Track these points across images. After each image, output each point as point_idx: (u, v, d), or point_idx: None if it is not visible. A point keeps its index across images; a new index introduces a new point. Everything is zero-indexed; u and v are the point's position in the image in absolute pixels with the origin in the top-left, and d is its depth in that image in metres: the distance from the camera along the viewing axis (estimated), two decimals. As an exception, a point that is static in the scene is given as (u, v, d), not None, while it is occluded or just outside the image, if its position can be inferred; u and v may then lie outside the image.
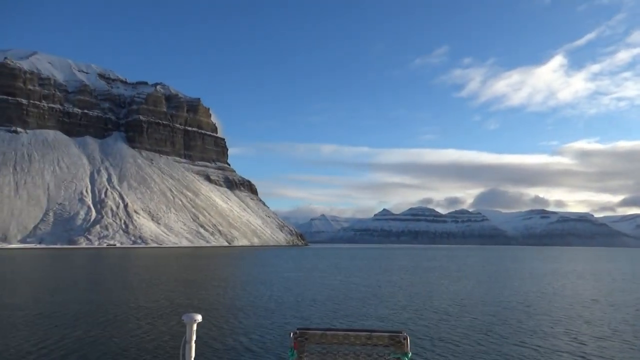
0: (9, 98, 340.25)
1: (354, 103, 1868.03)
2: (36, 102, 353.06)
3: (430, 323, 26.68)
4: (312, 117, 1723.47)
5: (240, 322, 26.55)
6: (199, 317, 5.39)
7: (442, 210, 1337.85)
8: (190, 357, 5.27)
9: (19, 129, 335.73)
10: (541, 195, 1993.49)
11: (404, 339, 4.68)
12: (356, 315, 29.60)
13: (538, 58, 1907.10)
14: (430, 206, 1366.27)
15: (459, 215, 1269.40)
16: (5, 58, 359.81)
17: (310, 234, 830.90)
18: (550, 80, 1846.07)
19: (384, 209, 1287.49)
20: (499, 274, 71.95)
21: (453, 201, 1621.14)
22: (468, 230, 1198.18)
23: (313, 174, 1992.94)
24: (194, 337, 5.34)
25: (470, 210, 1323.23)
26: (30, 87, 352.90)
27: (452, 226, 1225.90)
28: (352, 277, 61.97)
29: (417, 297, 38.90)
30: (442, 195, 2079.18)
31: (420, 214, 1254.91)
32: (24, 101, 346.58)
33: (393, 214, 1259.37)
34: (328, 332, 4.77)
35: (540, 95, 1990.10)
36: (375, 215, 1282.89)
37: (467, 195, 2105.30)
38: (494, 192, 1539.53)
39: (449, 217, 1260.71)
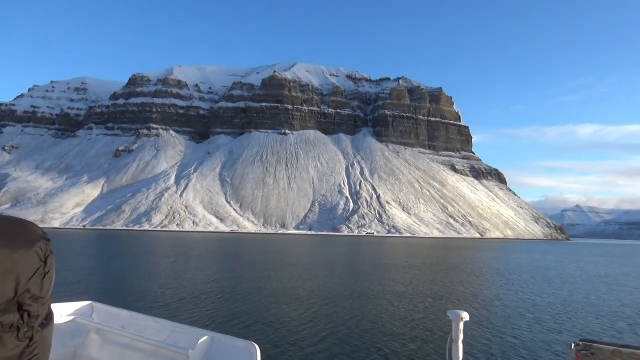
0: (279, 105, 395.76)
1: (622, 75, 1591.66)
2: (299, 106, 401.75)
3: None
4: (565, 96, 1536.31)
5: (516, 324, 22.34)
6: (466, 315, 4.82)
7: None
8: (458, 357, 4.76)
9: (287, 131, 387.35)
10: None
11: None
12: None
13: None
14: None
15: None
16: (274, 72, 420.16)
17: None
18: None
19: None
20: None
21: None
22: None
23: (565, 159, 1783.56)
24: (461, 336, 4.80)
25: None
26: (294, 94, 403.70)
27: None
28: None
29: None
30: None
31: None
32: (290, 107, 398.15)
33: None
34: (623, 349, 3.80)
35: None
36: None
37: None
38: None
39: None
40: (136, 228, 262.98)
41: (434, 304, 27.83)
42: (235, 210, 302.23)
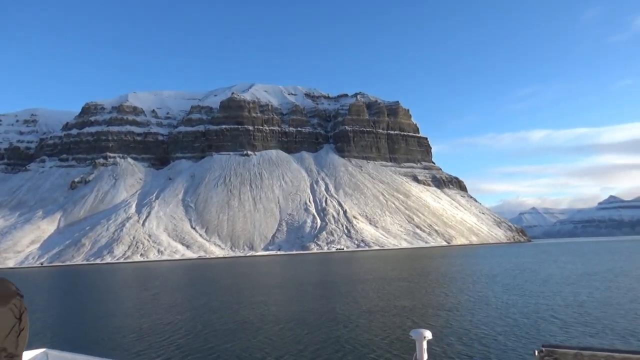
0: (239, 127, 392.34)
1: (567, 81, 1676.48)
2: (259, 127, 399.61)
3: None
4: (517, 104, 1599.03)
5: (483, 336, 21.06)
6: (429, 334, 4.72)
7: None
8: None
9: (249, 152, 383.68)
10: None
11: None
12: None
13: None
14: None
15: None
16: (232, 93, 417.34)
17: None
18: None
19: (611, 196, 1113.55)
20: None
21: None
22: None
23: (520, 164, 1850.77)
24: (426, 356, 4.67)
25: None
26: (253, 114, 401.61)
27: None
28: None
29: None
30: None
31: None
32: (250, 127, 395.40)
33: (624, 201, 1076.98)
34: (584, 352, 3.82)
35: None
36: (599, 203, 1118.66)
37: None
38: None
39: None
40: (97, 261, 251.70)
41: (405, 320, 26.21)
42: (201, 235, 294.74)
